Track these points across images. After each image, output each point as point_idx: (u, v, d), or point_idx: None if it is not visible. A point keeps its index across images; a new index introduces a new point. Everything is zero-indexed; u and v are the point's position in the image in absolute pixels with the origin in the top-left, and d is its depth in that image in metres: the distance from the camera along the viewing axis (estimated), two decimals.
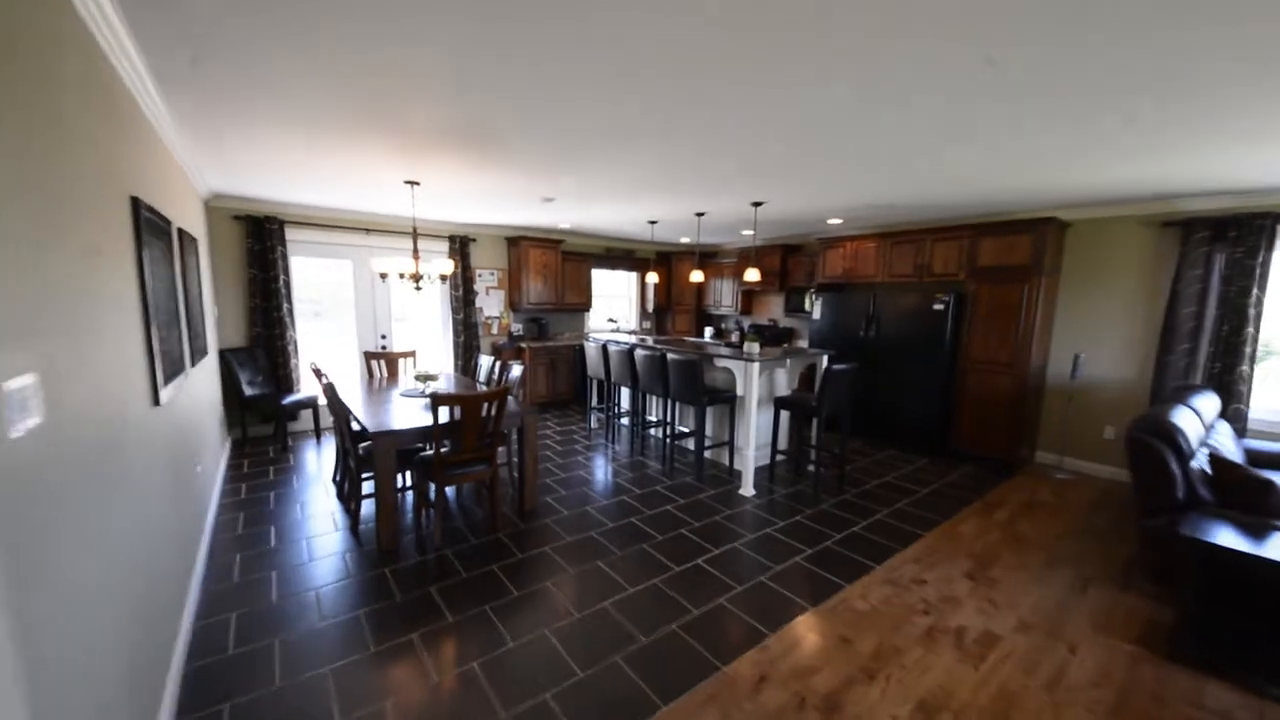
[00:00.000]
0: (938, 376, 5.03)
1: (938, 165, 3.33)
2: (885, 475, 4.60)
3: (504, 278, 6.85)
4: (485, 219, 6.02)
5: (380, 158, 3.38)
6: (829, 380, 3.84)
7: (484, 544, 3.24)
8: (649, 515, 3.67)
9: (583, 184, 4.04)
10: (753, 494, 4.06)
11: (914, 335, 5.15)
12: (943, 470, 4.78)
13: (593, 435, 5.66)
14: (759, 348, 4.27)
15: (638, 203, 4.79)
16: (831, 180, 3.77)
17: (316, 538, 3.31)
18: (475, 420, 3.15)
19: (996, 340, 4.75)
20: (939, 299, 4.95)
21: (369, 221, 5.85)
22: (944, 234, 5.06)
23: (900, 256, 5.40)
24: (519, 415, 3.54)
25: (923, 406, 5.15)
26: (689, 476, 4.43)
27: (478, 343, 6.56)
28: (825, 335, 5.90)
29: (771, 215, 5.27)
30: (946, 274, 5.07)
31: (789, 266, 6.87)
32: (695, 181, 3.91)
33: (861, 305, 5.54)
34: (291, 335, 5.49)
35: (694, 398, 4.23)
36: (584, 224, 6.23)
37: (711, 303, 8.07)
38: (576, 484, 4.24)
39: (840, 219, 5.35)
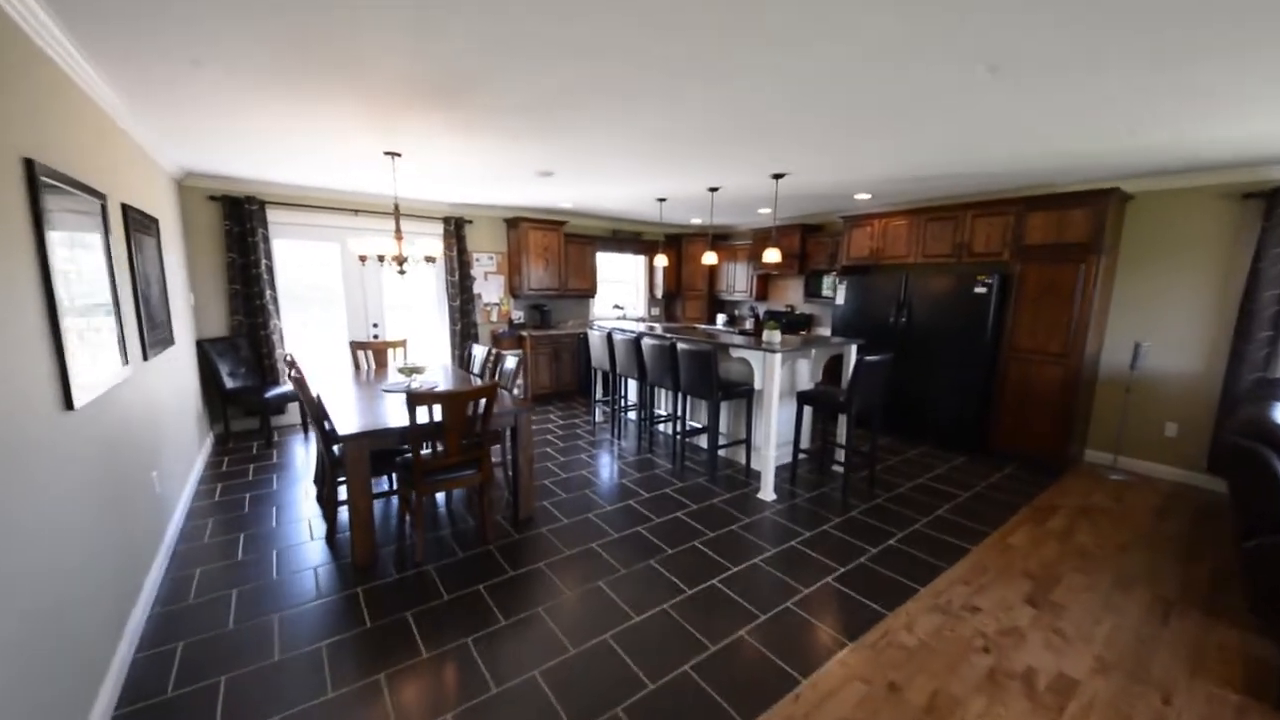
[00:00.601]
0: (977, 367, 4.56)
1: (990, 122, 2.85)
2: (919, 476, 4.17)
3: (503, 262, 6.45)
4: (482, 198, 5.61)
5: (351, 122, 2.98)
6: (861, 373, 3.40)
7: (472, 558, 2.87)
8: (657, 524, 3.29)
9: (579, 154, 3.61)
10: (773, 498, 3.66)
11: (951, 322, 4.68)
12: (983, 470, 4.34)
13: (597, 430, 5.28)
14: (780, 336, 3.84)
15: (644, 177, 4.35)
16: (866, 145, 3.30)
17: (289, 548, 2.97)
18: (459, 421, 2.77)
19: (1046, 327, 4.27)
20: (981, 281, 4.47)
21: (357, 201, 5.46)
22: (986, 209, 4.56)
23: (936, 234, 4.91)
24: (512, 413, 3.16)
25: (960, 400, 4.70)
26: (702, 478, 4.03)
27: (475, 331, 6.18)
28: (850, 322, 5.44)
29: (793, 190, 4.79)
30: (989, 253, 4.58)
31: (809, 248, 6.39)
32: (707, 151, 3.46)
33: (891, 289, 5.07)
34: (276, 324, 5.15)
35: (708, 392, 3.82)
36: (587, 203, 5.79)
37: (724, 288, 7.61)
38: (578, 486, 3.87)
39: (869, 194, 4.86)
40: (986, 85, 2.34)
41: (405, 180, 4.67)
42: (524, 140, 3.32)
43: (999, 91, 2.40)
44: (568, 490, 3.79)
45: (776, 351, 3.54)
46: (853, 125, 2.92)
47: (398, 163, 3.85)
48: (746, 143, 3.30)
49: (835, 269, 6.04)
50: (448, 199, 5.66)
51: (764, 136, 3.16)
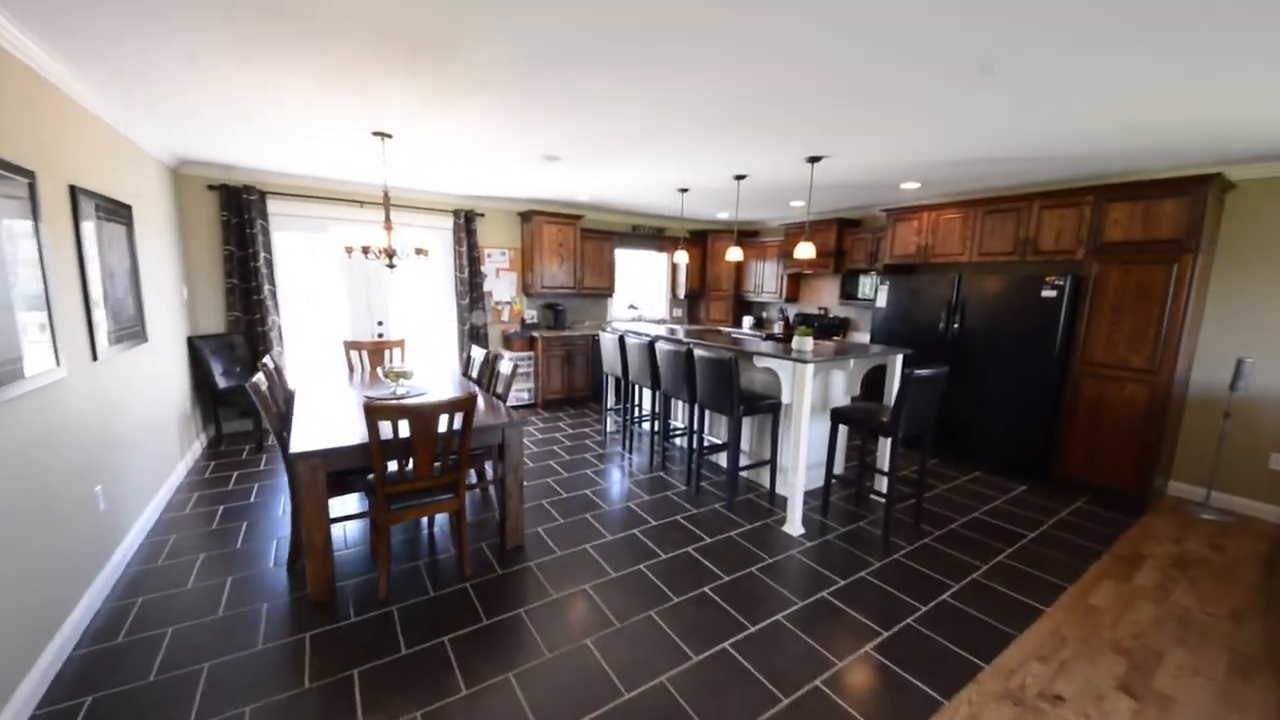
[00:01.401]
0: (1043, 383, 3.95)
1: (1080, 87, 2.29)
2: (974, 509, 3.60)
3: (516, 258, 6.08)
4: (494, 190, 5.25)
5: (325, 94, 2.62)
6: (909, 389, 2.88)
7: (445, 598, 2.48)
8: (664, 560, 2.83)
9: (584, 134, 3.18)
10: (800, 533, 3.16)
11: (1012, 330, 4.08)
12: (1049, 504, 3.73)
13: (608, 441, 4.85)
14: (812, 343, 3.34)
15: (662, 163, 3.89)
16: (920, 120, 2.78)
17: (246, 577, 2.63)
18: (429, 438, 2.37)
19: (1128, 338, 3.64)
20: (1049, 283, 3.86)
21: (361, 193, 5.17)
22: (1056, 199, 3.94)
23: (995, 229, 4.30)
24: (499, 427, 2.75)
25: (1021, 420, 4.09)
26: (719, 503, 3.56)
27: (486, 331, 5.84)
28: (891, 328, 4.87)
29: (830, 178, 4.26)
30: (1059, 251, 3.96)
31: (845, 244, 5.82)
32: (733, 129, 2.99)
33: (941, 291, 4.48)
34: (275, 320, 4.90)
35: (727, 406, 3.35)
36: (605, 195, 5.37)
37: (751, 288, 7.09)
38: (578, 508, 3.44)
39: (917, 182, 4.29)
40: (1085, 43, 1.81)
41: (408, 168, 4.34)
42: (518, 117, 2.91)
43: (1099, 49, 1.86)
44: (566, 513, 3.37)
45: (808, 362, 3.05)
46: (905, 94, 2.40)
47: (388, 145, 3.49)
48: (780, 118, 2.81)
49: (875, 268, 5.47)
50: (457, 190, 5.32)
51: (801, 109, 2.66)
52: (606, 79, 2.33)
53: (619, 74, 2.28)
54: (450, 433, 2.46)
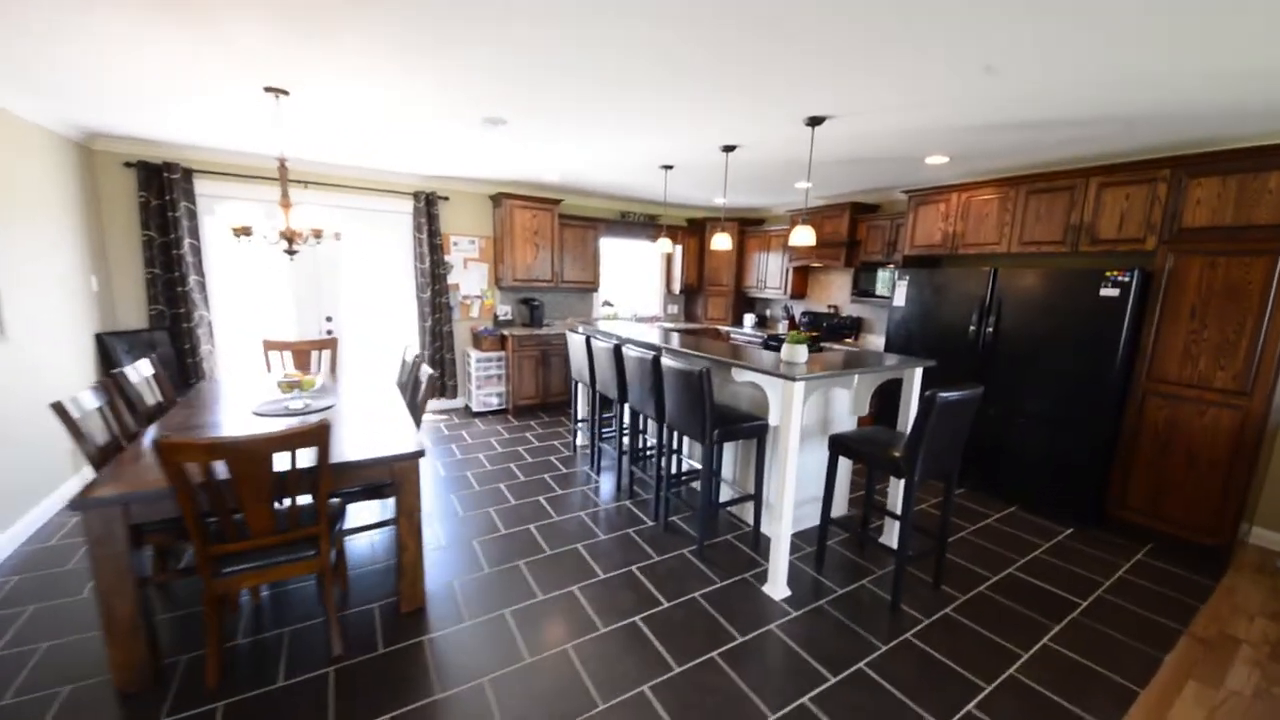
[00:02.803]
0: (1098, 402, 3.20)
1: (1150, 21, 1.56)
2: (1008, 561, 2.88)
3: (488, 247, 5.46)
4: (457, 169, 4.62)
5: (200, 48, 2.01)
6: (931, 417, 2.18)
7: (298, 689, 1.87)
8: (601, 637, 2.19)
9: (523, 85, 2.52)
10: (784, 595, 2.49)
11: (1060, 337, 3.32)
12: (1102, 555, 3.00)
13: (576, 459, 4.22)
14: (805, 353, 2.64)
15: (630, 130, 3.21)
16: (956, 58, 2.06)
17: (67, 644, 2.06)
18: (261, 483, 1.75)
19: (1211, 350, 2.87)
20: (1110, 279, 3.09)
21: (305, 173, 4.59)
22: (1121, 175, 3.17)
23: (1040, 212, 3.54)
24: (387, 462, 2.13)
25: (1069, 447, 3.34)
26: (689, 547, 2.90)
27: (451, 328, 5.23)
28: (910, 331, 4.13)
29: (838, 148, 3.54)
30: (1122, 239, 3.19)
31: (859, 233, 5.07)
32: (713, 82, 2.30)
33: (971, 289, 3.73)
34: (203, 315, 4.35)
35: (698, 428, 2.68)
36: (580, 175, 4.70)
37: (754, 283, 6.37)
38: (515, 551, 2.81)
39: (945, 155, 3.54)
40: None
41: (364, 145, 3.75)
42: (442, 63, 2.27)
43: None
44: (498, 558, 2.74)
45: (797, 379, 2.35)
46: (933, 16, 1.69)
47: (285, 104, 2.88)
48: (770, 62, 2.12)
49: (894, 260, 4.72)
50: (416, 169, 4.71)
51: (795, 48, 1.97)
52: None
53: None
54: (296, 473, 1.83)
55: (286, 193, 2.85)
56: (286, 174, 2.86)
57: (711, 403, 2.62)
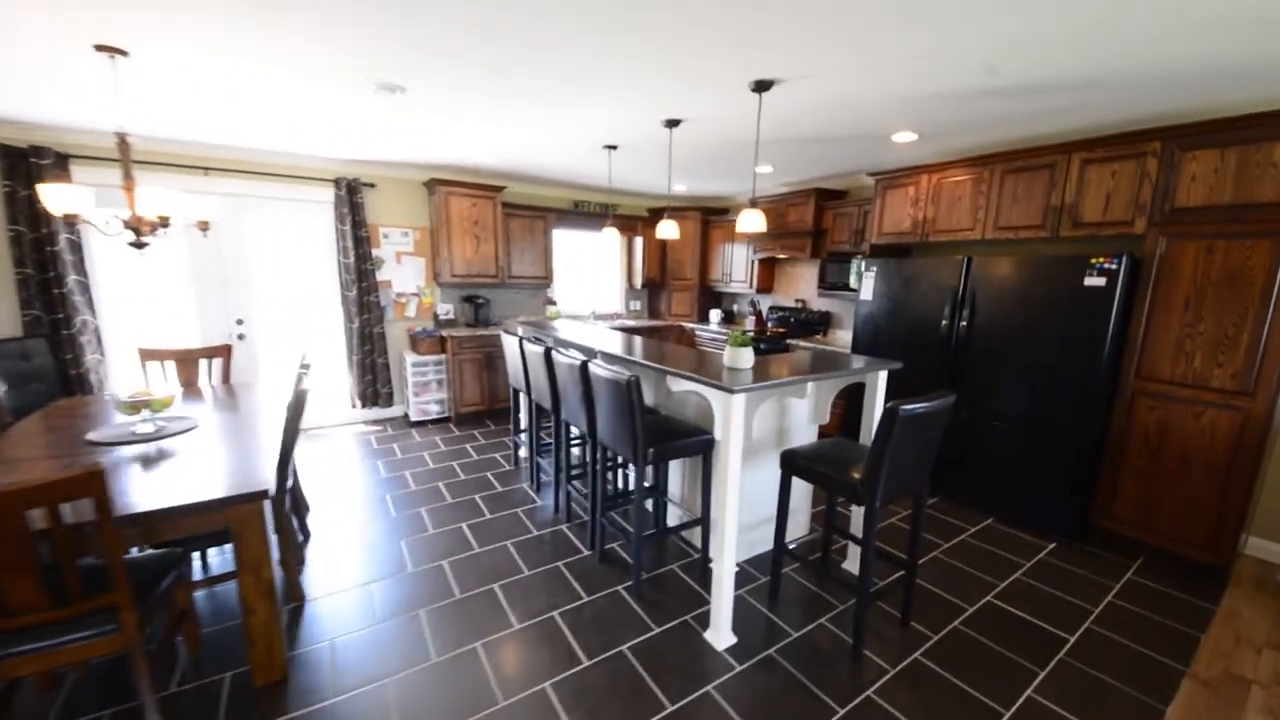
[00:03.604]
0: (1082, 403, 2.88)
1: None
2: (986, 585, 2.54)
3: (424, 239, 4.98)
4: (384, 153, 4.14)
5: None
6: (894, 433, 1.80)
7: None
8: (503, 711, 1.78)
9: (425, 48, 2.08)
10: (728, 644, 2.11)
11: (1040, 331, 3.00)
12: (1090, 574, 2.68)
13: (516, 475, 3.79)
14: (750, 356, 2.25)
15: (555, 101, 2.78)
16: (904, 13, 1.68)
17: None
18: (19, 546, 1.30)
19: (1208, 345, 2.56)
20: (1095, 267, 2.77)
21: (206, 157, 4.06)
22: (1106, 149, 2.84)
23: (1018, 194, 3.20)
24: (218, 506, 1.68)
25: (1050, 452, 3.02)
26: (625, 583, 2.50)
27: (383, 329, 4.75)
28: (878, 326, 3.78)
29: (796, 126, 3.15)
30: (1108, 222, 2.87)
31: (825, 222, 4.71)
32: (637, 38, 1.89)
33: (943, 279, 3.39)
34: (87, 320, 3.81)
35: (628, 446, 2.28)
36: (517, 158, 4.25)
37: (719, 276, 5.98)
38: (420, 594, 2.39)
39: (913, 132, 3.18)
40: None
41: (273, 126, 3.27)
42: (305, 17, 1.81)
43: None
44: (396, 604, 2.32)
45: (735, 390, 1.96)
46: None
47: (126, 67, 2.38)
48: (706, 11, 1.71)
49: (861, 250, 4.37)
50: (337, 153, 4.21)
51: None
52: None
53: None
54: (63, 530, 1.38)
55: (130, 173, 2.36)
56: (129, 151, 2.37)
57: (642, 417, 2.22)
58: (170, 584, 1.80)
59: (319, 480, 3.62)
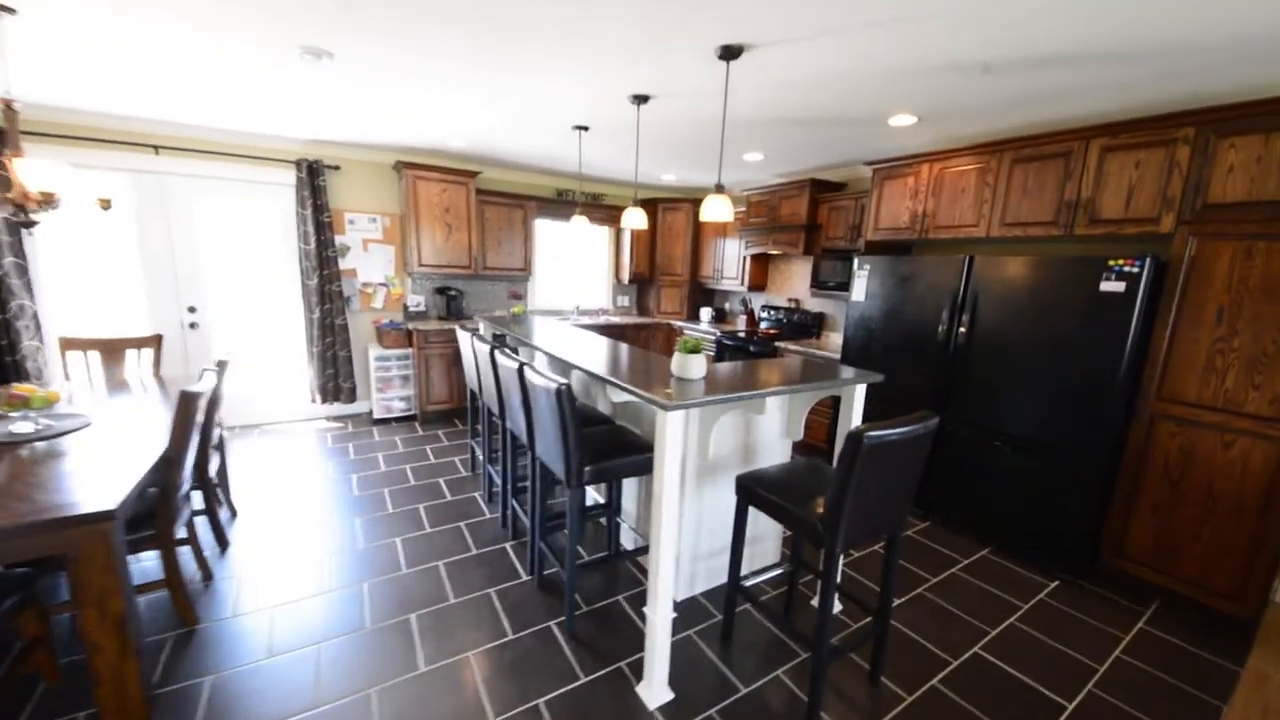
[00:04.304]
0: (1094, 424, 2.54)
1: None
2: (977, 633, 2.22)
3: (394, 226, 4.70)
4: (348, 133, 3.87)
5: None
6: (858, 466, 1.49)
7: None
8: None
9: (347, 5, 1.79)
10: (665, 701, 1.81)
11: (1048, 341, 2.65)
12: (1097, 620, 2.34)
13: (472, 482, 3.52)
14: (702, 366, 1.94)
15: (498, 66, 2.48)
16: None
17: None
18: None
19: (1243, 363, 2.21)
20: (1114, 269, 2.42)
21: (157, 136, 3.81)
22: (1129, 135, 2.48)
23: (1028, 186, 2.85)
24: (54, 527, 1.40)
25: (1057, 478, 2.68)
26: (558, 618, 2.21)
27: (346, 321, 4.49)
28: (872, 330, 3.45)
29: (782, 105, 2.83)
30: (1130, 219, 2.51)
31: (819, 215, 4.36)
32: None
33: (941, 280, 3.05)
34: (25, 305, 3.58)
35: (560, 464, 1.98)
36: (487, 140, 3.95)
37: (711, 272, 5.66)
38: (328, 623, 2.12)
39: (911, 113, 2.83)
40: None
41: (227, 104, 2.99)
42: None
43: None
44: (296, 636, 2.05)
45: (671, 408, 1.65)
46: None
47: (10, 25, 2.11)
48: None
49: (857, 247, 4.03)
50: (297, 133, 3.94)
51: None
52: None
53: None
54: None
55: (15, 143, 2.10)
56: (16, 119, 2.11)
57: (577, 431, 1.92)
58: (8, 609, 1.55)
59: (255, 482, 3.37)
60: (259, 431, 4.32)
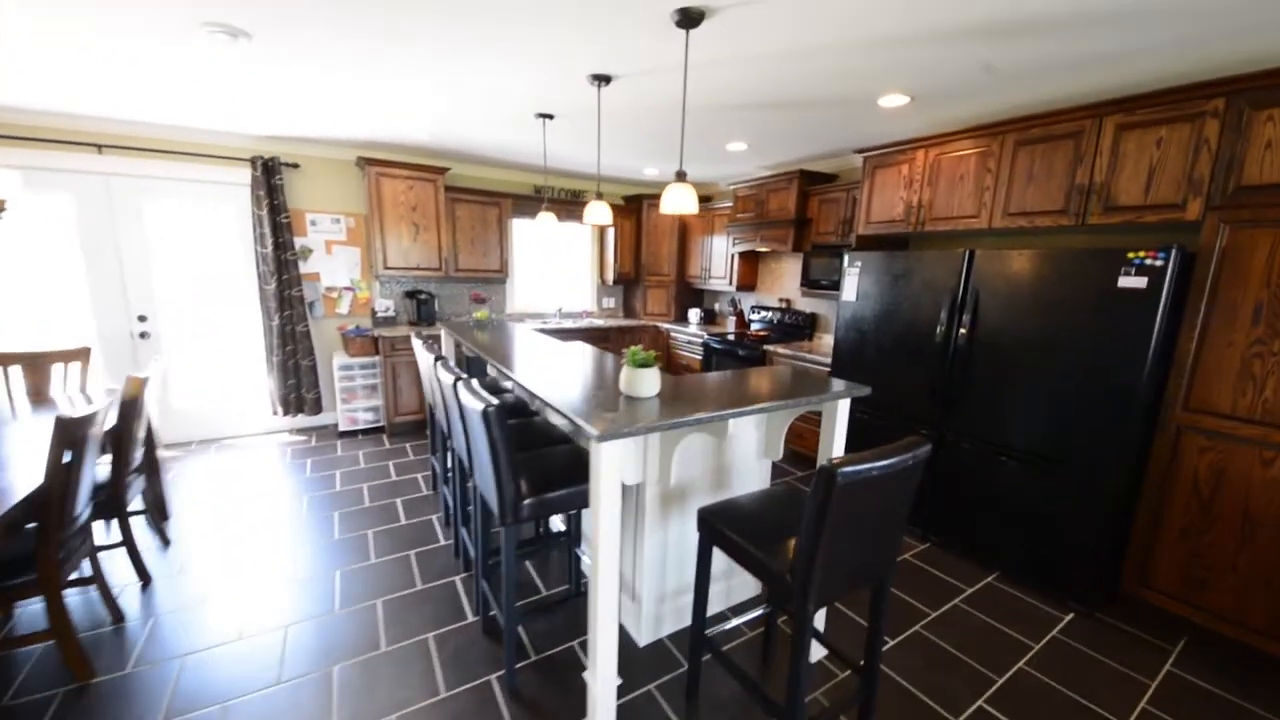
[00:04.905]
0: (1112, 437, 2.24)
1: None
2: (982, 681, 1.94)
3: (359, 227, 4.45)
4: (308, 128, 3.62)
5: None
6: (830, 509, 1.22)
7: None
8: None
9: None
10: None
11: (1059, 343, 2.36)
12: (1118, 663, 2.06)
13: (433, 499, 3.26)
14: (655, 382, 1.67)
15: (445, 51, 2.22)
16: None
17: None
18: None
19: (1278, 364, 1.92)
20: (1134, 263, 2.13)
21: (101, 134, 3.57)
22: (1148, 109, 2.19)
23: (1033, 171, 2.57)
24: None
25: (1070, 497, 2.39)
26: (497, 672, 1.95)
27: (308, 327, 4.23)
28: (864, 333, 3.17)
29: (760, 81, 2.55)
30: (1151, 205, 2.22)
31: (809, 209, 4.08)
32: None
33: (939, 277, 2.76)
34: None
35: (494, 492, 1.72)
36: (453, 132, 3.69)
37: (698, 272, 5.38)
38: (232, 677, 1.86)
39: (904, 93, 2.55)
40: None
41: (167, 96, 2.74)
42: None
43: None
44: (195, 693, 1.79)
45: (602, 438, 1.38)
46: None
47: None
48: None
49: (848, 243, 3.75)
50: (251, 129, 3.69)
51: None
52: None
53: None
54: None
55: None
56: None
57: (508, 460, 1.65)
58: None
59: (199, 504, 3.12)
60: (216, 447, 4.07)
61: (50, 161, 3.48)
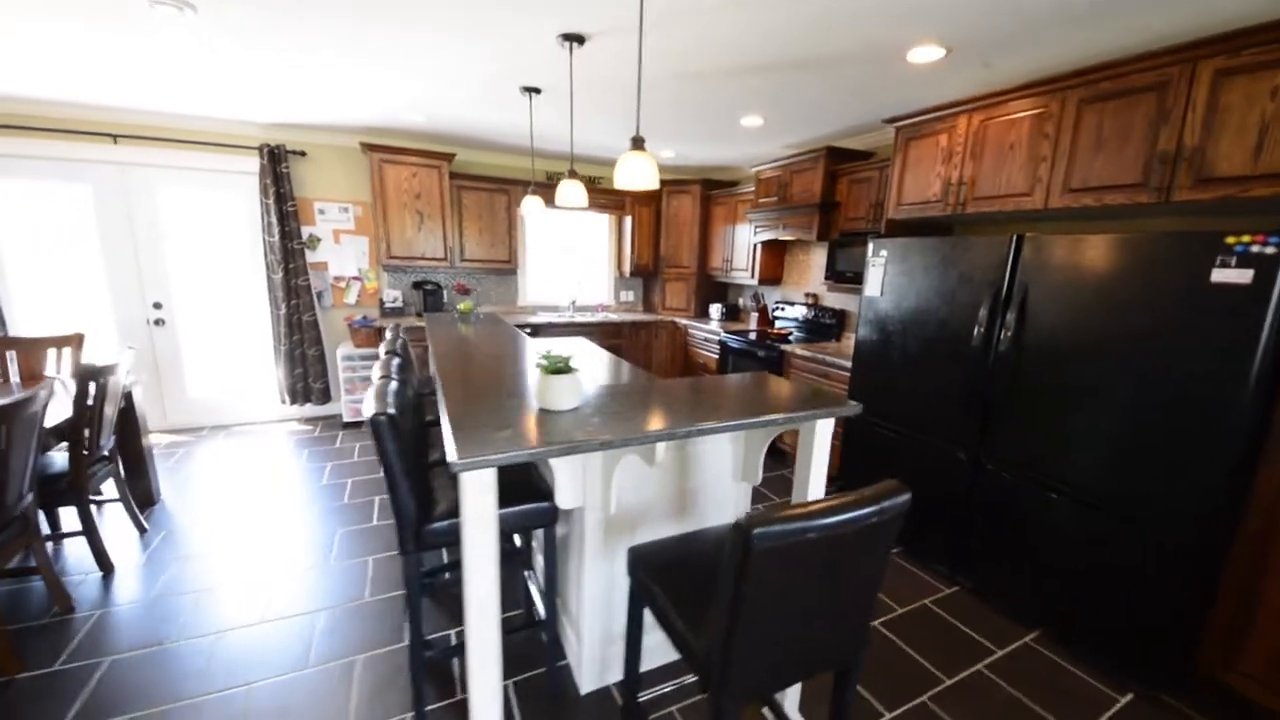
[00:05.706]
0: (1196, 474, 1.74)
1: None
2: None
3: (365, 215, 4.37)
4: (315, 115, 3.55)
5: None
6: (749, 578, 0.89)
7: None
8: None
9: None
10: None
11: (1130, 352, 1.87)
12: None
13: None
14: (574, 393, 1.37)
15: (393, 12, 1.99)
16: None
17: None
18: None
19: None
20: (1236, 249, 1.62)
21: (116, 124, 3.63)
22: (1256, 50, 1.66)
23: (1103, 135, 2.06)
24: None
25: (1137, 547, 1.90)
26: (432, 704, 1.72)
27: (315, 317, 4.20)
28: (889, 333, 2.72)
29: (762, 39, 2.19)
30: (1260, 176, 1.70)
31: (838, 192, 3.62)
32: None
33: (978, 269, 2.30)
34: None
35: (395, 517, 1.48)
36: (446, 114, 3.50)
37: (720, 264, 4.99)
38: (134, 693, 1.73)
39: (939, 44, 2.10)
40: None
41: (190, 87, 2.72)
42: None
43: None
44: (110, 703, 1.67)
45: (460, 467, 1.11)
46: None
47: None
48: None
49: (877, 229, 3.28)
50: (260, 116, 3.66)
51: None
52: None
53: None
54: None
55: None
56: None
57: (408, 477, 1.41)
58: None
59: (189, 492, 3.10)
60: (226, 433, 4.12)
61: (69, 152, 3.56)
